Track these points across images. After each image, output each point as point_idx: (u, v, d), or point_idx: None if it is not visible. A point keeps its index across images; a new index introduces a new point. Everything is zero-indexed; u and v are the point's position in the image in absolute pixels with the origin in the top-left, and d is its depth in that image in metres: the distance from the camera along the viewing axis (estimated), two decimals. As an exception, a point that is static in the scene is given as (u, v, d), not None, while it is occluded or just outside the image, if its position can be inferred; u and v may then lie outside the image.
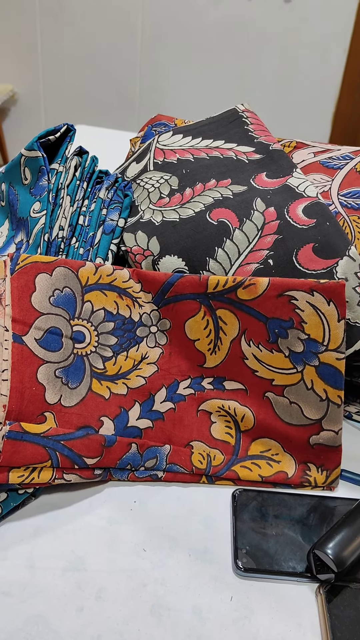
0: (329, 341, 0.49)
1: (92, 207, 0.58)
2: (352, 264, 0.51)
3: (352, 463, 0.51)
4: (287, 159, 0.58)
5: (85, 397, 0.49)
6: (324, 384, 0.49)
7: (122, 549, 0.43)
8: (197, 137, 0.63)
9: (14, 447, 0.43)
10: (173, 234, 0.55)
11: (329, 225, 0.52)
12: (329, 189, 0.58)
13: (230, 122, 0.63)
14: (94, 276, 0.52)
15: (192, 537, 0.44)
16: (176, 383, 0.52)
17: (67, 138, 0.60)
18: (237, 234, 0.53)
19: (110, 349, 0.52)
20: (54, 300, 0.50)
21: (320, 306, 0.49)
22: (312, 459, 0.50)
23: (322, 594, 0.40)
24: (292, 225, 0.52)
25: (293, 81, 2.37)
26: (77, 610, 0.39)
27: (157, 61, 2.49)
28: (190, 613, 0.39)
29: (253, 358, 0.51)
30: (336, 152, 0.58)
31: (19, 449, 0.43)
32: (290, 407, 0.50)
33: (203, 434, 0.51)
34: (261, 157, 0.59)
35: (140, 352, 0.53)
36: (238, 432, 0.51)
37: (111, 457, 0.47)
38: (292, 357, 0.50)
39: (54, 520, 0.45)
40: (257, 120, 0.62)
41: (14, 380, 0.45)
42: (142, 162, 0.62)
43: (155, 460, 0.49)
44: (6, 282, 0.48)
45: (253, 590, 0.41)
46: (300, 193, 0.54)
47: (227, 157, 0.59)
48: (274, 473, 0.49)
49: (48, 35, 2.58)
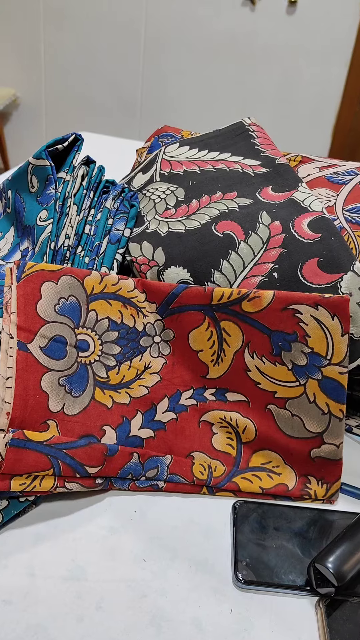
0: (332, 355, 0.49)
1: (98, 216, 0.58)
2: (356, 279, 0.51)
3: (352, 477, 0.51)
4: (293, 173, 0.58)
5: (88, 406, 0.49)
6: (326, 398, 0.49)
7: (123, 559, 0.43)
8: (204, 149, 0.63)
9: (16, 454, 0.43)
10: (178, 245, 0.55)
11: (334, 240, 0.52)
12: (334, 204, 0.58)
13: (237, 135, 0.63)
14: (99, 285, 0.53)
15: (193, 548, 0.44)
16: (178, 393, 0.53)
17: (75, 147, 0.60)
18: (243, 246, 0.53)
19: (114, 358, 0.52)
20: (59, 308, 0.50)
21: (324, 320, 0.49)
22: (312, 471, 0.50)
23: (322, 607, 0.40)
24: (297, 239, 0.52)
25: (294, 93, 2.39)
26: (77, 620, 0.39)
27: (159, 69, 2.51)
28: (190, 625, 0.39)
29: (256, 370, 0.51)
30: (341, 167, 0.59)
31: (21, 457, 0.43)
32: (292, 420, 0.50)
33: (204, 444, 0.51)
34: (267, 170, 0.60)
35: (143, 361, 0.53)
36: (239, 444, 0.51)
37: (112, 466, 0.47)
38: (295, 370, 0.50)
39: (54, 528, 0.45)
40: (264, 134, 0.63)
41: (18, 387, 0.45)
42: (149, 173, 0.62)
43: (157, 471, 0.49)
44: (12, 289, 0.49)
45: (253, 603, 0.41)
46: (306, 207, 0.55)
47: (233, 170, 0.60)
48: (275, 485, 0.49)
49: (51, 41, 2.60)
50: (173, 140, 0.68)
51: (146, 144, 0.71)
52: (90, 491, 0.47)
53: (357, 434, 0.56)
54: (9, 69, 2.74)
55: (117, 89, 2.60)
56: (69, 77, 2.65)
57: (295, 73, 2.35)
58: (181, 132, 0.69)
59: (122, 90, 2.60)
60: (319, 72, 2.33)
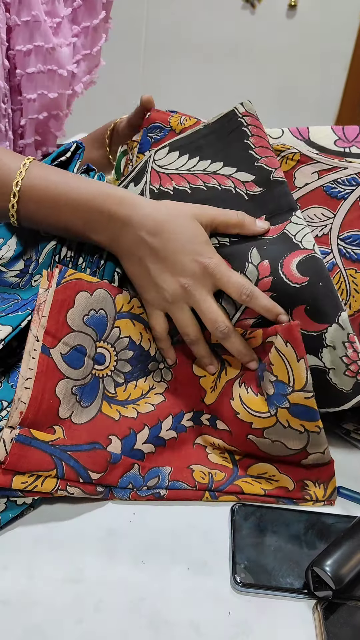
0: (293, 382, 0.48)
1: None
2: (340, 333, 0.51)
3: (350, 481, 0.52)
4: (288, 196, 0.57)
5: (95, 417, 0.50)
6: (299, 421, 0.49)
7: (121, 561, 0.43)
8: (195, 154, 0.61)
9: (21, 451, 0.43)
10: None
11: (321, 285, 0.51)
12: (329, 231, 0.57)
13: (230, 132, 0.60)
14: (127, 305, 0.54)
15: (191, 551, 0.45)
16: (182, 414, 0.54)
17: (77, 156, 0.60)
18: None
19: (124, 376, 0.54)
20: (87, 319, 0.51)
21: (280, 347, 0.49)
22: (307, 476, 0.51)
23: (320, 611, 0.41)
24: (285, 282, 0.51)
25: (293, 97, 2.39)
26: (75, 622, 0.39)
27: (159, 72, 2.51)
28: (188, 627, 0.39)
29: (238, 399, 0.52)
30: (343, 171, 0.58)
31: (26, 454, 0.43)
32: (273, 444, 0.50)
33: (201, 459, 0.52)
34: (261, 191, 0.57)
35: (147, 383, 0.55)
36: (233, 462, 0.52)
37: (114, 473, 0.48)
38: (268, 400, 0.50)
39: (53, 530, 0.45)
40: (258, 129, 0.59)
41: (36, 390, 0.46)
42: (139, 186, 0.60)
43: (158, 479, 0.49)
44: (49, 293, 0.49)
45: (251, 606, 0.41)
46: (297, 244, 0.53)
47: (226, 189, 0.58)
48: (275, 487, 0.50)
49: (52, 44, 2.60)
50: (162, 136, 0.66)
51: (136, 137, 0.71)
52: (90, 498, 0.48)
53: (355, 438, 0.56)
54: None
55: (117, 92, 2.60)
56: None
57: (295, 77, 2.36)
58: (170, 120, 0.67)
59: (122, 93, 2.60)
60: (319, 76, 2.34)
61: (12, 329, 0.49)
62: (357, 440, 0.56)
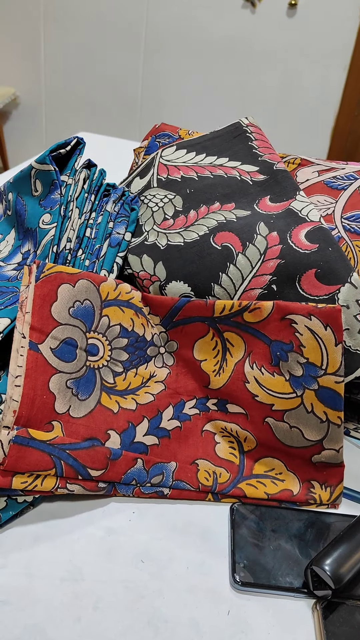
0: (327, 365, 0.49)
1: (99, 219, 0.58)
2: (353, 292, 0.51)
3: (349, 479, 0.52)
4: (291, 180, 0.58)
5: (94, 410, 0.50)
6: (323, 407, 0.49)
7: (120, 560, 0.43)
8: (201, 152, 0.63)
9: (19, 452, 0.43)
10: (178, 259, 0.56)
11: (332, 250, 0.52)
12: (332, 212, 0.58)
13: (235, 137, 0.63)
14: (114, 292, 0.54)
15: (190, 550, 0.45)
16: (182, 402, 0.53)
17: (77, 151, 0.60)
18: (240, 258, 0.54)
19: (121, 365, 0.53)
20: (73, 311, 0.50)
21: (317, 330, 0.49)
22: (315, 476, 0.50)
23: (319, 610, 0.41)
24: (294, 249, 0.52)
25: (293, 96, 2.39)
26: (75, 621, 0.39)
27: (159, 70, 2.51)
28: (187, 626, 0.40)
29: (254, 381, 0.51)
30: (340, 171, 0.59)
31: (24, 455, 0.43)
32: (291, 431, 0.50)
33: (208, 452, 0.52)
34: (265, 178, 0.59)
35: (148, 370, 0.54)
36: (241, 454, 0.52)
37: (116, 470, 0.47)
38: (292, 381, 0.50)
39: (53, 529, 0.45)
40: (262, 135, 0.62)
41: (27, 387, 0.46)
42: (146, 178, 0.62)
43: (162, 477, 0.49)
44: (29, 289, 0.49)
45: (250, 605, 0.41)
46: (303, 217, 0.55)
47: (231, 177, 0.60)
48: (280, 491, 0.50)
49: (51, 40, 2.60)
50: (170, 141, 0.67)
51: (143, 143, 0.71)
52: (91, 494, 0.48)
53: (355, 437, 0.56)
54: (9, 68, 2.74)
55: (117, 89, 2.60)
56: (68, 77, 2.65)
57: (295, 76, 2.36)
58: (178, 131, 0.69)
59: (122, 91, 2.60)
60: (319, 75, 2.34)
61: (10, 322, 0.49)
62: (357, 439, 0.56)
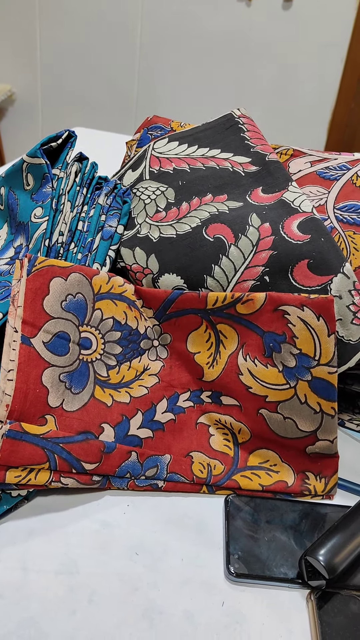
0: (320, 356, 0.49)
1: (91, 212, 0.58)
2: (346, 282, 0.51)
3: (344, 470, 0.52)
4: (283, 171, 0.58)
5: (87, 403, 0.50)
6: (317, 397, 0.49)
7: (115, 553, 0.43)
8: (193, 144, 0.62)
9: (12, 446, 0.43)
10: (170, 251, 0.56)
11: (324, 241, 0.52)
12: (324, 203, 0.58)
13: (227, 128, 0.62)
14: (106, 285, 0.53)
15: (185, 542, 0.45)
16: (176, 395, 0.53)
17: (68, 144, 0.60)
18: (233, 250, 0.53)
19: (115, 358, 0.53)
20: (65, 305, 0.50)
21: (310, 321, 0.49)
22: (309, 467, 0.50)
23: (313, 600, 0.41)
24: (286, 240, 0.52)
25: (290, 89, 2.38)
26: (70, 614, 0.39)
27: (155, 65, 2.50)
28: (182, 617, 0.40)
29: (248, 373, 0.51)
30: (333, 161, 0.58)
31: (17, 449, 0.43)
32: (285, 422, 0.50)
33: (202, 445, 0.52)
34: (257, 169, 0.59)
35: (142, 363, 0.54)
36: (236, 446, 0.52)
37: (110, 463, 0.47)
38: (285, 372, 0.50)
39: (47, 522, 0.45)
40: (254, 127, 0.62)
41: (19, 381, 0.46)
42: (138, 170, 0.61)
43: (156, 470, 0.49)
44: (21, 283, 0.49)
45: (244, 596, 0.41)
46: (296, 208, 0.55)
47: (224, 168, 0.59)
48: (274, 482, 0.49)
49: (47, 37, 2.59)
50: (162, 133, 0.67)
51: (135, 136, 0.71)
52: (85, 488, 0.47)
53: (350, 428, 0.56)
54: (5, 64, 2.73)
55: (114, 85, 2.59)
56: (65, 73, 2.64)
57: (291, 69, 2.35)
58: (170, 123, 0.68)
59: (118, 86, 2.59)
60: (315, 68, 2.33)
61: (2, 316, 0.49)
62: (352, 430, 0.56)
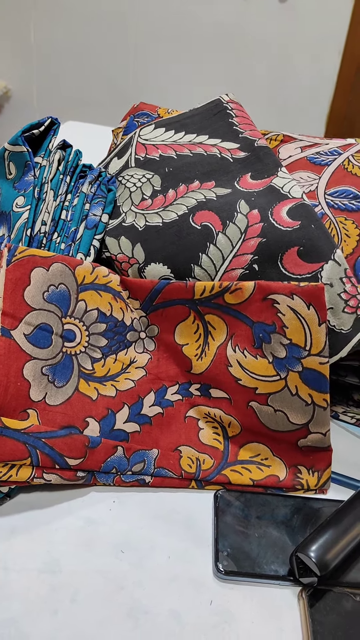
0: (311, 346, 0.47)
1: (74, 201, 0.56)
2: (337, 269, 0.49)
3: (338, 464, 0.50)
4: (273, 157, 0.56)
5: (71, 397, 0.48)
6: (308, 389, 0.48)
7: (99, 551, 0.42)
8: (180, 130, 0.60)
9: None
10: (157, 240, 0.54)
11: (314, 227, 0.50)
12: (315, 188, 0.56)
13: (215, 114, 0.60)
14: (90, 275, 0.52)
15: (173, 539, 0.43)
16: (164, 388, 0.52)
17: (51, 131, 0.58)
18: (221, 238, 0.52)
19: (100, 351, 0.51)
20: (47, 296, 0.49)
21: (300, 310, 0.48)
22: (302, 461, 0.49)
23: (304, 598, 0.39)
24: (276, 227, 0.50)
25: (287, 82, 2.36)
26: (51, 614, 0.38)
27: (151, 60, 2.48)
28: (168, 617, 0.38)
29: (237, 365, 0.50)
30: (324, 146, 0.57)
31: None
32: (275, 415, 0.48)
33: (191, 439, 0.50)
34: (246, 154, 0.57)
35: (129, 356, 0.52)
36: (226, 439, 0.50)
37: (95, 459, 0.46)
38: (275, 363, 0.48)
39: (30, 520, 0.44)
40: (242, 112, 0.60)
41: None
42: (124, 158, 0.60)
43: (143, 465, 0.47)
44: (0, 273, 0.47)
45: (234, 594, 0.40)
46: (285, 194, 0.53)
47: (211, 155, 0.57)
48: (265, 477, 0.48)
49: (42, 32, 2.57)
50: (149, 121, 0.65)
51: (122, 123, 0.69)
52: (70, 484, 0.46)
53: (344, 421, 0.55)
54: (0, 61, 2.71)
55: (109, 81, 2.58)
56: (60, 69, 2.62)
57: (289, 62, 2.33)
58: (157, 110, 0.67)
59: (114, 82, 2.58)
60: (312, 61, 2.31)
61: None
62: (346, 423, 0.55)
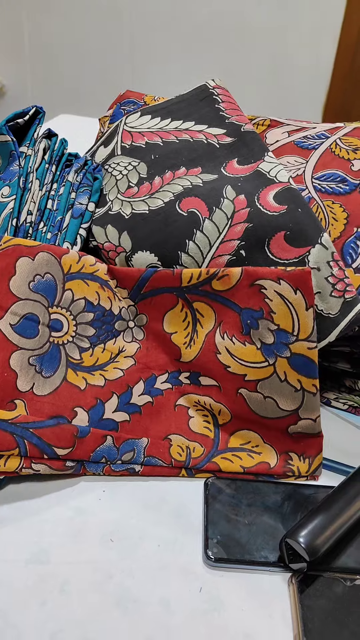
0: (298, 331, 0.47)
1: (60, 190, 0.56)
2: (324, 253, 0.49)
3: (330, 450, 0.50)
4: (259, 141, 0.56)
5: (59, 387, 0.48)
6: (297, 375, 0.47)
7: (89, 540, 0.42)
8: (166, 117, 0.60)
9: None
10: (143, 227, 0.53)
11: (301, 211, 0.50)
12: (302, 172, 0.55)
13: (201, 100, 0.60)
14: (77, 264, 0.51)
15: (162, 527, 0.43)
16: (154, 377, 0.51)
17: (36, 120, 0.58)
18: (207, 224, 0.51)
19: (88, 340, 0.51)
20: (33, 285, 0.48)
21: (287, 295, 0.47)
22: (292, 448, 0.48)
23: (294, 583, 0.39)
24: (262, 212, 0.50)
25: (284, 72, 2.35)
26: (40, 605, 0.37)
27: (147, 53, 2.47)
28: (158, 605, 0.38)
29: (226, 352, 0.49)
30: (311, 130, 0.56)
31: None
32: (265, 402, 0.48)
33: (181, 427, 0.50)
34: (232, 140, 0.57)
35: (117, 345, 0.52)
36: (216, 427, 0.50)
37: (84, 448, 0.45)
38: (263, 349, 0.48)
39: (18, 510, 0.43)
40: (229, 97, 0.59)
41: None
42: (110, 146, 0.59)
43: (133, 454, 0.47)
44: None
45: (223, 581, 0.40)
46: (272, 179, 0.52)
47: (198, 141, 0.57)
48: (256, 464, 0.48)
49: (36, 27, 2.56)
50: (135, 108, 0.65)
51: (108, 112, 0.69)
52: (59, 474, 0.46)
53: (336, 407, 0.54)
54: (-6, 57, 2.70)
55: (105, 75, 2.56)
56: (54, 64, 2.61)
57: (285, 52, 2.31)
58: (144, 98, 0.66)
59: (108, 76, 2.56)
60: (308, 50, 2.30)
61: None
62: (338, 409, 0.55)
